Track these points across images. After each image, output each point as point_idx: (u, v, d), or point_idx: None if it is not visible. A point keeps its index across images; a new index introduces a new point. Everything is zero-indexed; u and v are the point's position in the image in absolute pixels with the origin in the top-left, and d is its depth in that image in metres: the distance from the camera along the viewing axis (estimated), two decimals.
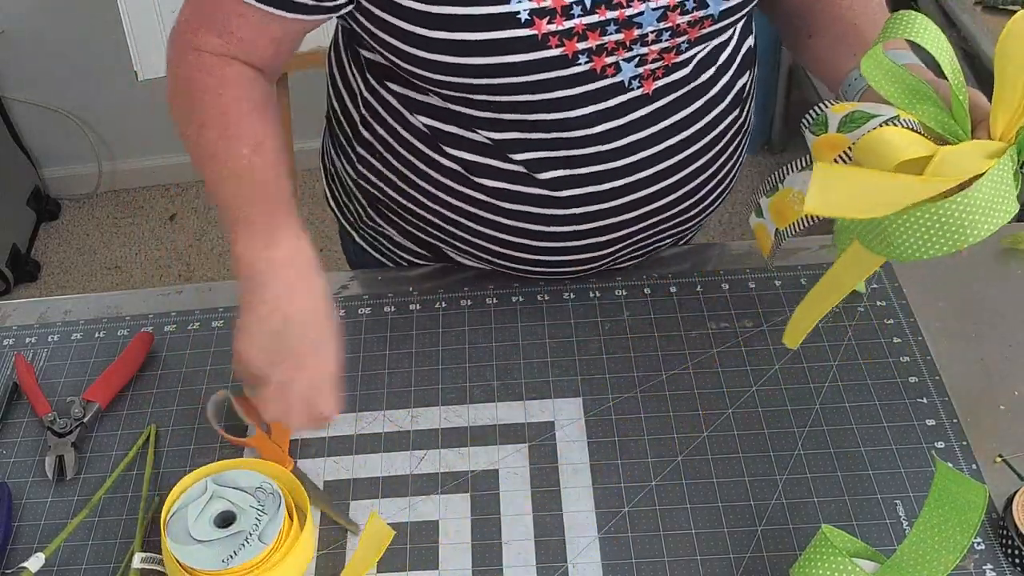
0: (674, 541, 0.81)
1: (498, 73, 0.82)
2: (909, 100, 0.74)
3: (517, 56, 0.81)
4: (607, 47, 0.83)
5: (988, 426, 0.87)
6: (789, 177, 0.85)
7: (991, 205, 0.67)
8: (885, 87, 0.74)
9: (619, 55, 0.84)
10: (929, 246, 0.68)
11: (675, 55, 0.87)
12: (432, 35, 0.81)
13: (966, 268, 1.01)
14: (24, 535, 0.87)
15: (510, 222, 0.95)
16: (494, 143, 0.90)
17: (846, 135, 0.75)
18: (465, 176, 0.93)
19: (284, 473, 0.85)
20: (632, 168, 0.91)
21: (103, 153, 2.78)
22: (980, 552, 0.78)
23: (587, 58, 0.83)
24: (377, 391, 0.95)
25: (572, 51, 0.82)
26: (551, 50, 0.81)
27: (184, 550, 0.78)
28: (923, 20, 0.73)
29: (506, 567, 0.81)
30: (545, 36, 0.80)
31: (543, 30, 0.80)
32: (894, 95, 0.74)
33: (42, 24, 2.50)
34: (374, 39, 0.86)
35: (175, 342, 1.02)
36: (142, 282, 2.57)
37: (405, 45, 0.83)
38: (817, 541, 0.72)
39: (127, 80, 1.83)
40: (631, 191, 0.93)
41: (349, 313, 1.03)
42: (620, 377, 0.94)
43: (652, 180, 0.93)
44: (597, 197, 0.92)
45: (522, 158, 0.90)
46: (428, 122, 0.92)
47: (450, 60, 0.82)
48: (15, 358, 1.00)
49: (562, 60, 0.82)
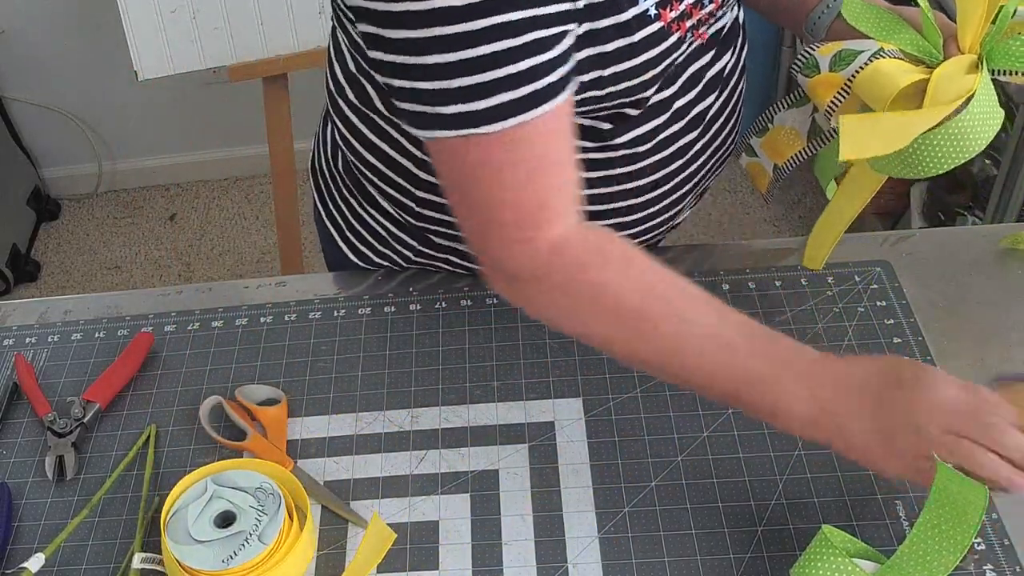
0: (674, 541, 0.81)
1: (636, 74, 0.80)
2: (887, 31, 0.82)
3: (652, 51, 0.79)
4: (703, 19, 0.85)
5: None
6: (779, 115, 0.94)
7: (988, 112, 0.77)
8: (863, 22, 0.83)
9: (708, 24, 0.87)
10: (948, 160, 0.78)
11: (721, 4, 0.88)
12: (587, 54, 0.75)
13: (966, 268, 1.01)
14: (24, 535, 0.87)
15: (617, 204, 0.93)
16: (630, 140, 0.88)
17: (839, 73, 0.82)
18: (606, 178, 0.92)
19: (284, 473, 0.85)
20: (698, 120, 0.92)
21: (103, 153, 2.78)
22: (980, 552, 0.78)
23: (691, 34, 0.84)
24: (377, 391, 0.95)
25: (684, 30, 0.82)
26: (672, 35, 0.81)
27: (184, 550, 0.78)
28: None
29: (506, 567, 0.81)
30: (669, 25, 0.80)
31: (667, 19, 0.79)
32: (873, 29, 0.83)
33: (42, 24, 2.50)
34: None
35: (175, 342, 1.02)
36: (142, 282, 2.57)
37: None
38: (817, 541, 0.72)
39: (127, 80, 1.82)
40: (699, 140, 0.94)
41: (349, 313, 1.03)
42: (620, 377, 0.94)
43: (712, 121, 0.94)
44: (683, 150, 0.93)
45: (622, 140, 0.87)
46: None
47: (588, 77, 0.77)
48: (15, 358, 1.00)
49: (679, 42, 0.82)
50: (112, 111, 2.68)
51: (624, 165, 0.91)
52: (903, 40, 0.82)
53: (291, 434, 0.92)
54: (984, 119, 0.77)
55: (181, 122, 2.72)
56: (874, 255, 1.04)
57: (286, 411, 0.94)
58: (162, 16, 1.67)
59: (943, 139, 0.77)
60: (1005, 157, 1.64)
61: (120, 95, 2.61)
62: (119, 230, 2.74)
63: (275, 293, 1.07)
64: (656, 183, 0.95)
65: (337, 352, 0.99)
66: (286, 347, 1.00)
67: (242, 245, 2.64)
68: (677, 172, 0.95)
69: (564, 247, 0.74)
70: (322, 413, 0.94)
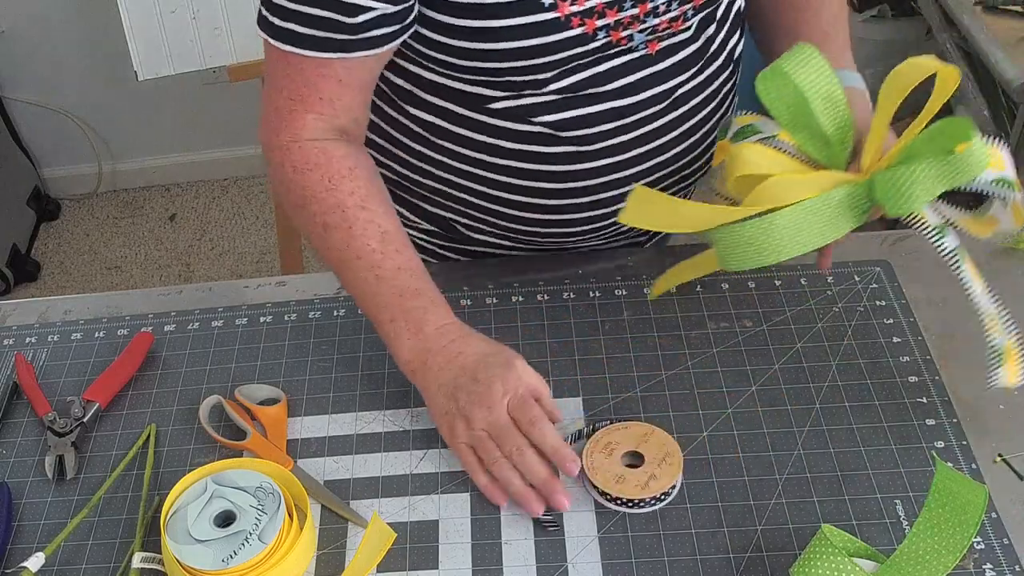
0: (674, 541, 0.81)
1: (523, 56, 0.86)
2: (791, 125, 0.84)
3: (542, 38, 0.85)
4: (623, 22, 0.87)
5: (988, 426, 0.87)
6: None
7: (797, 230, 0.80)
8: (774, 106, 0.84)
9: (633, 28, 0.88)
10: (740, 260, 0.82)
11: (682, 22, 0.91)
12: (459, 23, 0.84)
13: None
14: (24, 535, 0.87)
15: (528, 183, 0.98)
16: (512, 110, 0.93)
17: (731, 144, 0.87)
18: (481, 143, 0.96)
19: (283, 472, 0.85)
20: (640, 122, 0.95)
21: (103, 153, 2.78)
22: (980, 552, 0.78)
23: (605, 33, 0.87)
24: (377, 391, 0.95)
25: (592, 28, 0.86)
26: (573, 30, 0.85)
27: (184, 550, 0.78)
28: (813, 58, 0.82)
29: (506, 567, 0.81)
30: (568, 17, 0.84)
31: (566, 12, 0.84)
32: (780, 116, 0.84)
33: (42, 24, 2.50)
34: None
35: (175, 342, 1.02)
36: (142, 282, 2.57)
37: (432, 32, 0.86)
38: (817, 541, 0.72)
39: (127, 80, 1.83)
40: (640, 143, 0.96)
41: (349, 313, 1.03)
42: (620, 377, 0.94)
43: (658, 134, 0.96)
44: (612, 150, 0.96)
45: (542, 120, 0.93)
46: (436, 101, 0.95)
47: (475, 46, 0.85)
48: (15, 358, 1.00)
49: (583, 38, 0.86)
50: (112, 111, 2.68)
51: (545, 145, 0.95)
52: (802, 140, 0.84)
53: (291, 434, 0.92)
54: (792, 234, 0.79)
55: (181, 122, 2.72)
56: (874, 255, 1.04)
57: (286, 411, 0.94)
58: (162, 16, 1.67)
59: (733, 238, 0.82)
60: None
61: (120, 95, 2.61)
62: (119, 230, 2.74)
63: (275, 293, 1.07)
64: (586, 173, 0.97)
65: (337, 352, 0.99)
66: (286, 347, 1.00)
67: (242, 245, 2.64)
68: (610, 170, 0.97)
69: (289, 150, 0.90)
70: (322, 413, 0.94)
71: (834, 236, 0.82)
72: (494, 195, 1.01)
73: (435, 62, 0.90)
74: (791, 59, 0.83)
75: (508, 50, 0.85)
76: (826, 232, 0.81)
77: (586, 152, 0.96)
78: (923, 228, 0.81)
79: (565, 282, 1.04)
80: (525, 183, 0.98)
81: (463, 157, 0.98)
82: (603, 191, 0.99)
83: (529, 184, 0.98)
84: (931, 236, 0.81)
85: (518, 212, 1.02)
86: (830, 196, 0.81)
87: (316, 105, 0.88)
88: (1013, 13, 1.64)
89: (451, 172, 1.00)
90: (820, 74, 0.82)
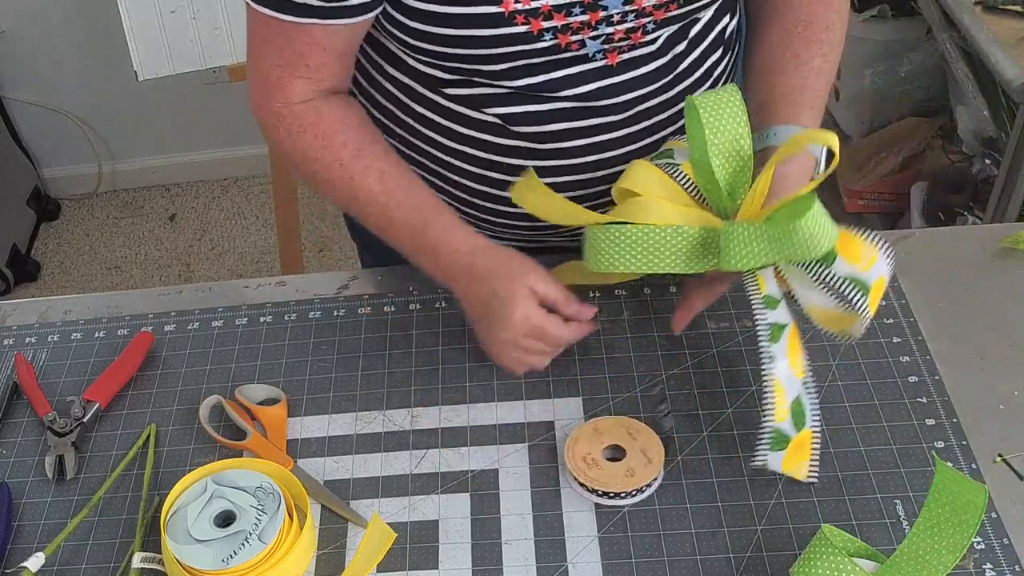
0: (674, 541, 0.81)
1: (466, 45, 0.87)
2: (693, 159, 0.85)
3: (484, 31, 0.85)
4: (572, 26, 0.86)
5: (988, 426, 0.87)
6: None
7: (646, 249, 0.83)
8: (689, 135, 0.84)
9: (584, 34, 0.88)
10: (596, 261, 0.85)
11: (641, 35, 0.90)
12: (412, 3, 0.85)
13: (966, 268, 1.01)
14: (24, 535, 0.87)
15: (480, 170, 0.99)
16: (464, 97, 0.94)
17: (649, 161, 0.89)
18: (437, 123, 0.97)
19: (283, 472, 0.85)
20: (592, 131, 0.95)
21: (103, 153, 2.78)
22: (980, 551, 0.78)
23: (552, 36, 0.86)
24: (377, 391, 0.95)
25: (537, 29, 0.86)
26: (517, 27, 0.85)
27: (184, 550, 0.78)
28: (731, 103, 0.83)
29: (506, 567, 0.81)
30: (512, 14, 0.84)
31: (510, 8, 0.84)
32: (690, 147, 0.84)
33: (42, 24, 2.50)
34: None
35: (175, 342, 1.02)
36: (142, 282, 2.57)
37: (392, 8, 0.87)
38: (817, 540, 0.72)
39: (127, 80, 1.83)
40: (597, 151, 0.96)
41: (349, 313, 1.03)
42: (620, 377, 0.94)
43: (617, 144, 0.96)
44: (567, 153, 0.96)
45: (494, 112, 0.94)
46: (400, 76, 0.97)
47: (426, 28, 0.86)
48: (15, 358, 1.00)
49: (527, 36, 0.86)
50: (112, 111, 2.68)
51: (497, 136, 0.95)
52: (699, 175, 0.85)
53: (291, 434, 0.92)
54: (639, 250, 0.83)
55: (181, 122, 2.72)
56: None
57: (286, 411, 0.94)
58: (162, 16, 1.67)
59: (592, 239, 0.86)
60: (1005, 157, 1.64)
61: (120, 95, 2.61)
62: (119, 230, 2.74)
63: (275, 293, 1.07)
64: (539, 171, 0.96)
65: (337, 352, 0.99)
66: (286, 347, 1.00)
67: (242, 245, 2.64)
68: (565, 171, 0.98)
69: (281, 115, 0.93)
70: (322, 413, 0.94)
71: (681, 269, 0.84)
72: (449, 178, 1.02)
73: (394, 37, 0.91)
74: (711, 97, 0.83)
75: (452, 36, 0.86)
76: (675, 263, 0.84)
77: (539, 150, 0.96)
78: (752, 290, 0.83)
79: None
80: (478, 171, 0.99)
81: (421, 135, 1.00)
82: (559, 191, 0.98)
83: (482, 173, 0.99)
84: (754, 301, 0.83)
85: (472, 199, 1.02)
86: (682, 230, 0.83)
87: (303, 70, 0.91)
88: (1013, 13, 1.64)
89: (411, 149, 1.02)
90: (731, 120, 0.83)
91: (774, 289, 0.84)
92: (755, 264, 0.80)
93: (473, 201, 1.03)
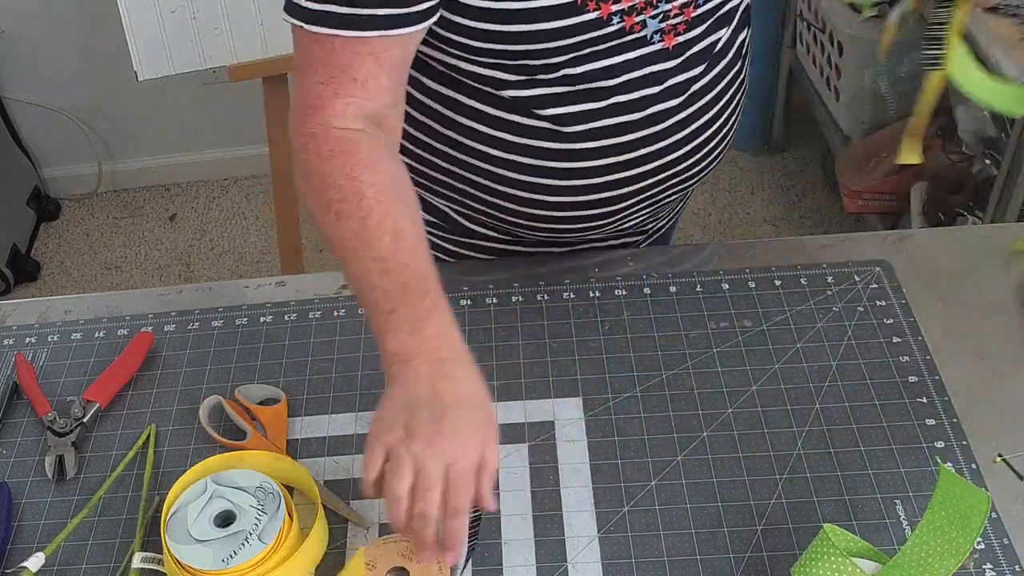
0: (674, 541, 0.81)
1: (539, 39, 0.87)
2: None
3: (558, 22, 0.85)
4: (637, 6, 0.88)
5: (988, 426, 0.87)
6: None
7: None
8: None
9: (646, 13, 0.89)
10: None
11: (693, 9, 0.91)
12: (479, 3, 0.84)
13: (966, 268, 1.01)
14: (24, 535, 0.87)
15: (530, 178, 0.99)
16: (522, 100, 0.93)
17: None
18: (486, 134, 0.96)
19: (293, 467, 0.85)
20: (650, 120, 0.95)
21: (103, 153, 2.78)
22: (980, 552, 0.78)
23: (619, 18, 0.87)
24: (377, 391, 0.94)
25: (607, 13, 0.87)
26: (589, 14, 0.86)
27: (184, 550, 0.78)
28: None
29: (506, 567, 0.81)
30: (584, 1, 0.85)
31: None
32: None
33: (42, 24, 2.50)
34: None
35: (175, 342, 1.02)
36: (142, 282, 2.57)
37: (453, 14, 0.86)
38: (818, 540, 0.72)
39: (127, 80, 1.82)
40: (648, 143, 0.97)
41: (349, 313, 1.03)
42: (620, 377, 0.94)
43: (667, 133, 0.97)
44: (617, 149, 0.96)
45: (548, 113, 0.94)
46: (444, 90, 0.96)
47: (494, 28, 0.86)
48: (15, 358, 1.00)
49: (598, 22, 0.87)
50: (112, 111, 2.68)
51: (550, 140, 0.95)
52: None
53: (291, 434, 0.92)
54: None
55: (181, 122, 2.72)
56: (874, 255, 1.04)
57: (286, 410, 0.94)
58: (162, 16, 1.67)
59: None
60: (1005, 157, 1.64)
61: (120, 95, 2.61)
62: (119, 230, 2.74)
63: (275, 293, 1.07)
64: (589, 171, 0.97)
65: (337, 352, 0.99)
66: (286, 347, 1.00)
67: (242, 245, 2.64)
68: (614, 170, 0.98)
69: (316, 136, 0.86)
70: (322, 413, 0.94)
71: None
72: (496, 188, 1.01)
73: (453, 44, 0.90)
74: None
75: (524, 32, 0.86)
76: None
77: (591, 150, 0.96)
78: None
79: (565, 282, 1.04)
80: (527, 178, 0.99)
81: (467, 149, 0.98)
82: (610, 189, 0.99)
83: (531, 180, 0.99)
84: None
85: (518, 207, 1.02)
86: None
87: (348, 87, 0.85)
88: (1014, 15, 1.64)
89: (454, 163, 1.01)
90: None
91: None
92: None
93: (508, 207, 1.02)
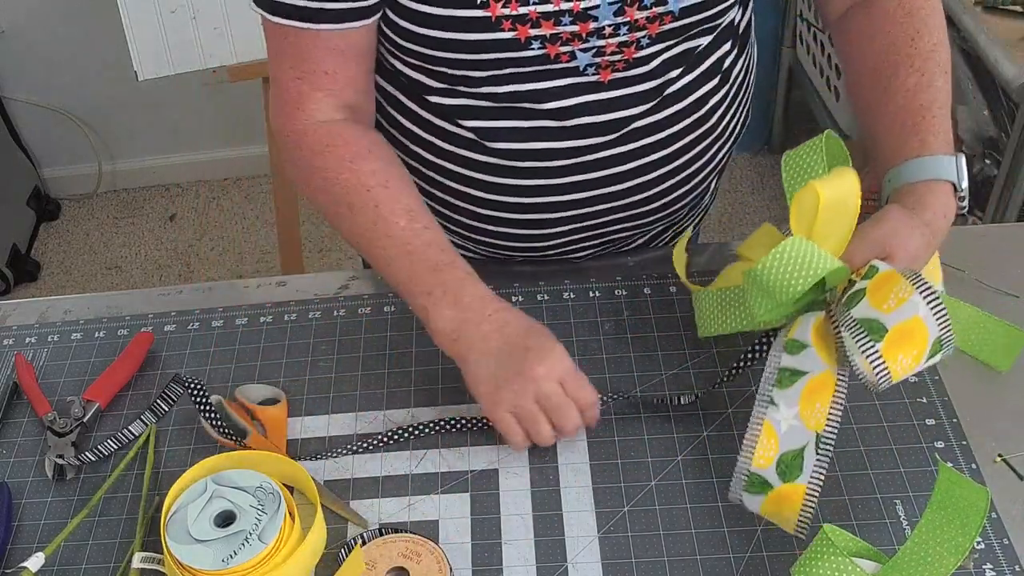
0: (674, 541, 0.81)
1: (452, 48, 0.86)
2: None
3: (471, 35, 0.84)
4: (561, 36, 0.86)
5: (988, 426, 0.87)
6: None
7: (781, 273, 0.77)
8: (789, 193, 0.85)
9: (574, 45, 0.87)
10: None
11: (635, 50, 0.88)
12: (403, 2, 0.84)
13: (966, 268, 1.01)
14: (24, 535, 0.87)
15: (458, 186, 0.99)
16: (446, 107, 0.93)
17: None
18: (419, 136, 0.97)
19: (293, 467, 0.85)
20: (582, 151, 0.94)
21: (103, 153, 2.78)
22: (980, 552, 0.78)
23: (540, 44, 0.86)
24: (377, 391, 0.95)
25: (525, 36, 0.85)
26: (503, 33, 0.84)
27: (184, 550, 0.78)
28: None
29: (506, 567, 0.81)
30: (498, 19, 0.83)
31: (497, 12, 0.83)
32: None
33: (42, 24, 2.50)
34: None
35: (175, 342, 1.02)
36: (142, 282, 2.57)
37: (388, 9, 0.86)
38: (818, 540, 0.72)
39: (127, 80, 1.82)
40: (578, 172, 0.95)
41: (349, 313, 1.03)
42: (620, 377, 0.94)
43: (598, 165, 0.95)
44: (545, 172, 0.95)
45: (471, 125, 0.93)
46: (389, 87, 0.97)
47: (415, 29, 0.86)
48: (15, 358, 1.00)
49: (514, 43, 0.85)
50: (112, 111, 2.68)
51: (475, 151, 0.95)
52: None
53: (291, 434, 0.92)
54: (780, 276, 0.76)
55: (181, 122, 2.72)
56: None
57: (286, 411, 0.94)
58: (162, 16, 1.67)
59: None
60: (1005, 157, 1.64)
61: (120, 95, 2.61)
62: (119, 230, 2.74)
63: (275, 293, 1.07)
64: (518, 189, 0.96)
65: (337, 352, 0.99)
66: (286, 347, 1.00)
67: (242, 245, 2.64)
68: (545, 192, 0.96)
69: (305, 133, 0.90)
70: (322, 413, 0.94)
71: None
72: (431, 193, 1.02)
73: (387, 39, 0.90)
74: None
75: (439, 39, 0.86)
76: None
77: (517, 168, 0.95)
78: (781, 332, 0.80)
79: (565, 282, 1.04)
80: (456, 186, 0.99)
81: (404, 148, 1.00)
82: (540, 211, 0.98)
83: (460, 188, 0.99)
84: (777, 340, 0.80)
85: (452, 214, 1.02)
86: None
87: (322, 80, 0.89)
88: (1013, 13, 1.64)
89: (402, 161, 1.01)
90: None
91: (805, 335, 0.78)
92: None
93: (452, 216, 1.03)
